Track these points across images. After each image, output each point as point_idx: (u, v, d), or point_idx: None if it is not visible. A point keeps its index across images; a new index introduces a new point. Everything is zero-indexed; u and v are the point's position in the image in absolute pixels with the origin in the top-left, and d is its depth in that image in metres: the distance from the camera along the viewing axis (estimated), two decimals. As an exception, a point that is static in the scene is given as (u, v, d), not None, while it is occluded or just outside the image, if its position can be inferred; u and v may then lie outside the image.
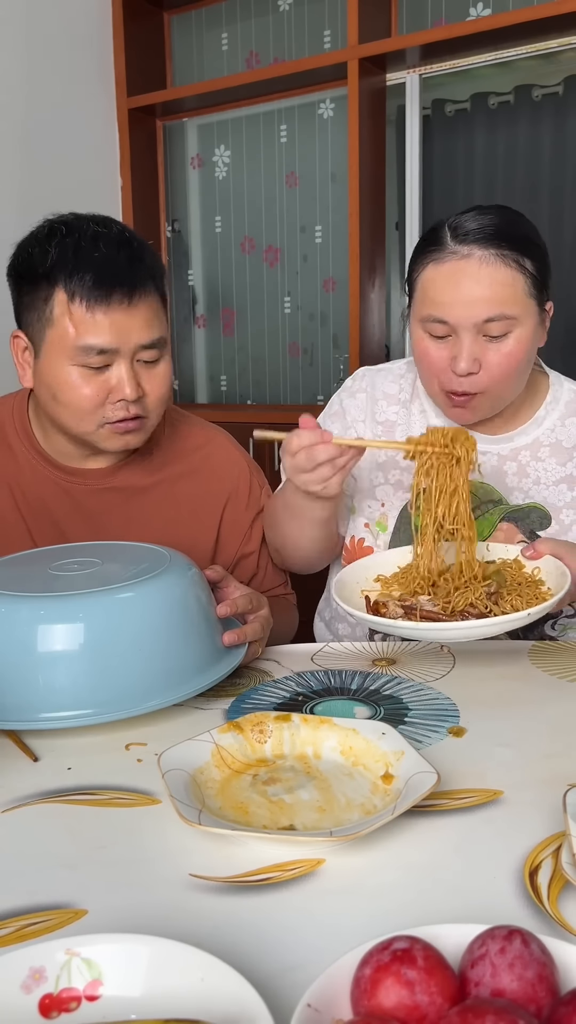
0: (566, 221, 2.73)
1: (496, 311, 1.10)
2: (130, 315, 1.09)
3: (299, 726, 0.82)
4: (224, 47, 3.24)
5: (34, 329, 1.12)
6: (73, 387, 1.10)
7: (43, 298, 1.09)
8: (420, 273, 1.15)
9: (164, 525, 1.25)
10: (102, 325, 1.07)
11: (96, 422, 1.12)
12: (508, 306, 1.10)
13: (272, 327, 3.30)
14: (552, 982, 0.47)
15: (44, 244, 1.10)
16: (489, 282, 1.09)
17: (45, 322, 1.10)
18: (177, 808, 0.68)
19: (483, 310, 1.10)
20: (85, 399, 1.10)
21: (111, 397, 1.11)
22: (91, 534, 1.22)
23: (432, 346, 1.15)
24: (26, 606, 0.89)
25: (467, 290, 1.10)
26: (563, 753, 0.83)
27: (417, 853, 0.68)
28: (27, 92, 2.83)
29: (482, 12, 2.73)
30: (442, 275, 1.12)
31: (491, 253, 1.10)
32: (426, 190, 2.93)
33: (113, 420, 1.12)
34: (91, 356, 1.08)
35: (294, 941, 0.59)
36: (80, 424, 1.13)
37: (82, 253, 1.08)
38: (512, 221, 1.15)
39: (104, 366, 1.10)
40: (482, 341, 1.12)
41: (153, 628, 0.91)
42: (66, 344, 1.08)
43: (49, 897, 0.64)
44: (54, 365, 1.10)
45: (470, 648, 1.13)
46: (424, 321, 1.14)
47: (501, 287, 1.10)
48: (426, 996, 0.46)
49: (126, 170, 3.23)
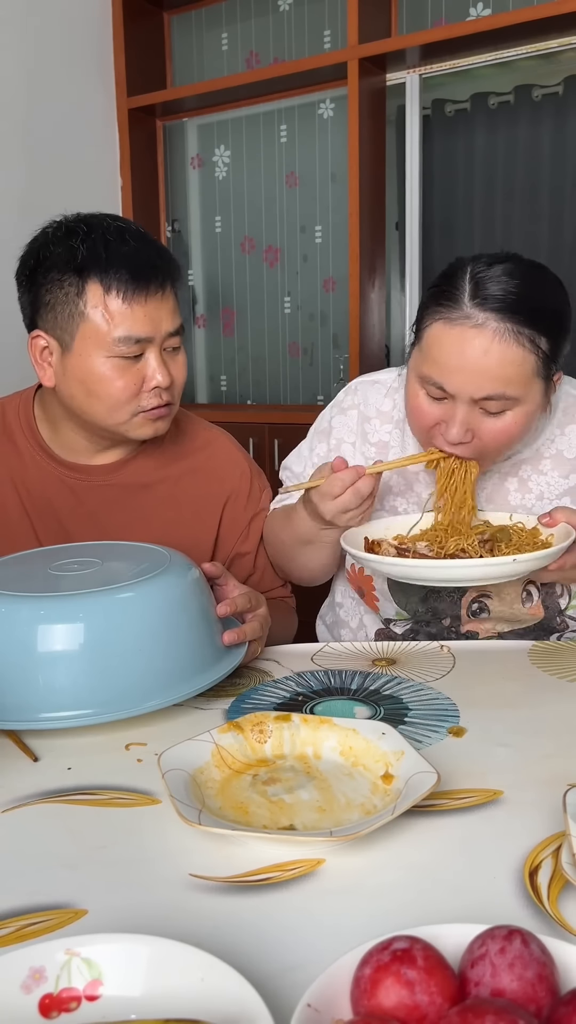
0: (566, 221, 2.73)
1: (497, 390, 1.03)
2: (161, 305, 1.13)
3: (299, 726, 0.82)
4: (224, 47, 3.24)
5: (60, 327, 1.13)
6: (109, 379, 1.13)
7: (73, 294, 1.11)
8: (429, 325, 1.07)
9: (166, 523, 1.26)
10: (138, 317, 1.11)
11: (131, 412, 1.15)
12: (511, 387, 1.03)
13: (272, 327, 3.30)
14: (552, 982, 0.47)
15: (66, 242, 1.12)
16: (497, 360, 1.02)
17: (77, 317, 1.11)
18: (177, 808, 0.68)
19: (484, 387, 1.03)
20: (121, 390, 1.13)
21: (145, 386, 1.14)
22: (94, 530, 1.24)
23: (426, 403, 1.09)
24: (26, 606, 0.89)
25: (472, 362, 1.02)
26: (563, 753, 0.83)
27: (417, 853, 0.68)
28: (27, 92, 2.83)
29: (482, 12, 2.73)
30: (450, 338, 1.04)
31: (507, 328, 1.01)
32: (426, 190, 2.93)
33: (147, 408, 1.15)
34: (129, 346, 1.12)
35: (294, 941, 0.59)
36: (114, 416, 1.15)
37: (112, 248, 1.11)
38: (540, 289, 1.06)
39: (137, 356, 1.13)
40: (478, 412, 1.06)
41: (153, 628, 0.91)
42: (102, 337, 1.11)
43: (49, 897, 0.64)
44: (88, 360, 1.12)
45: (470, 648, 1.13)
46: (423, 378, 1.08)
47: (509, 366, 1.02)
48: (426, 996, 0.46)
49: (126, 170, 3.23)
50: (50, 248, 1.13)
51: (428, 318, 1.08)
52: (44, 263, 1.13)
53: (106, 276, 1.10)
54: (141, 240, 1.14)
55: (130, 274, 1.10)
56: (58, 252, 1.12)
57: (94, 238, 1.12)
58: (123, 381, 1.13)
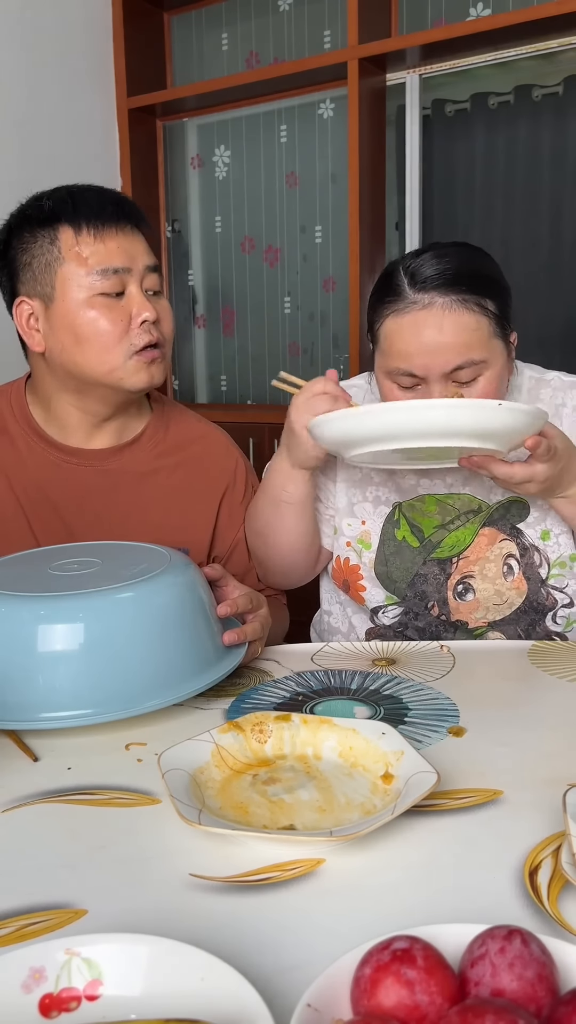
0: (566, 221, 2.73)
1: (464, 358, 1.07)
2: (134, 240, 1.17)
3: (299, 726, 0.82)
4: (224, 47, 3.24)
5: (40, 282, 1.16)
6: (95, 320, 1.15)
7: (47, 244, 1.15)
8: (381, 325, 1.12)
9: (164, 512, 1.27)
10: (112, 249, 1.15)
11: (124, 353, 1.16)
12: (475, 351, 1.07)
13: (272, 327, 3.30)
14: (552, 982, 0.47)
15: (34, 204, 1.18)
16: (453, 329, 1.06)
17: (54, 263, 1.15)
18: (177, 808, 0.68)
19: (451, 358, 1.07)
20: (109, 330, 1.15)
21: (133, 323, 1.16)
22: (91, 518, 1.24)
23: (401, 395, 1.12)
24: (26, 606, 0.89)
25: (432, 340, 1.07)
26: (563, 753, 0.83)
27: (417, 853, 0.68)
28: (27, 92, 2.83)
29: (482, 12, 2.73)
30: (404, 327, 1.08)
31: (452, 299, 1.06)
32: (426, 190, 2.93)
33: (140, 347, 1.16)
34: (107, 279, 1.14)
35: (294, 941, 0.58)
36: (107, 360, 1.16)
37: (77, 196, 1.17)
38: (469, 260, 1.11)
39: (118, 293, 1.15)
40: (452, 387, 1.09)
41: (153, 628, 0.91)
42: (81, 276, 1.14)
43: (49, 897, 0.64)
44: (71, 305, 1.15)
45: (470, 648, 1.13)
46: (391, 373, 1.12)
47: (466, 333, 1.07)
48: (426, 996, 0.46)
49: (126, 170, 3.23)
50: (20, 217, 1.18)
51: (378, 320, 1.13)
52: (16, 231, 1.18)
53: (75, 218, 1.15)
54: (103, 189, 1.20)
55: (96, 212, 1.15)
56: (28, 215, 1.18)
57: (59, 193, 1.18)
58: (110, 320, 1.15)
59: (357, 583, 1.27)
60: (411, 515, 1.25)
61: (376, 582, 1.25)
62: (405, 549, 1.24)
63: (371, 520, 1.26)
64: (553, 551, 1.22)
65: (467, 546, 1.22)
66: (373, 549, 1.26)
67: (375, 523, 1.26)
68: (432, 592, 1.23)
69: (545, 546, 1.22)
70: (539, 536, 1.23)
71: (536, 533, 1.23)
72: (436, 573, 1.23)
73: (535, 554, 1.22)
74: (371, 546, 1.26)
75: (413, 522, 1.24)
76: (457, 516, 1.23)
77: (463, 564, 1.23)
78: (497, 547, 1.22)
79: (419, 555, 1.24)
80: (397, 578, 1.24)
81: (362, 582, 1.26)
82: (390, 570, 1.25)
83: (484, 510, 1.23)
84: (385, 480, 1.26)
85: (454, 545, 1.23)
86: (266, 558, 1.28)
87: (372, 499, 1.27)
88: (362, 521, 1.27)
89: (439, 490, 1.25)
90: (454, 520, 1.23)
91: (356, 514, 1.27)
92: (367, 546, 1.26)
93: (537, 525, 1.23)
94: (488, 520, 1.23)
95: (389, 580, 1.25)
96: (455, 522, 1.23)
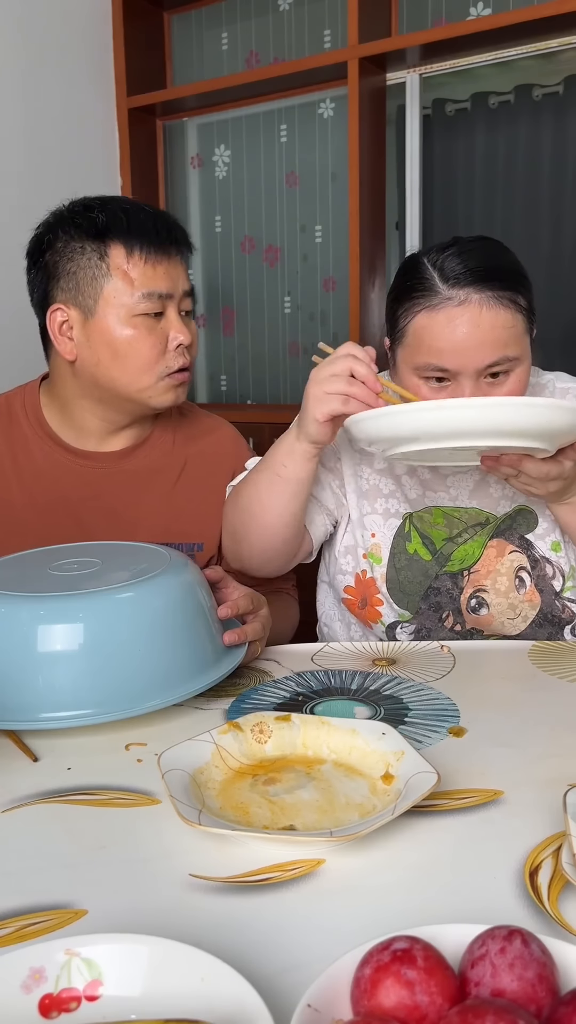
0: (566, 221, 2.73)
1: (500, 355, 1.05)
2: (179, 267, 1.21)
3: (299, 726, 0.82)
4: (224, 47, 3.24)
5: (83, 293, 1.17)
6: (136, 340, 1.17)
7: (95, 259, 1.16)
8: (411, 320, 1.08)
9: (176, 508, 1.28)
10: (159, 274, 1.17)
11: (157, 374, 1.19)
12: (510, 348, 1.05)
13: (272, 327, 3.30)
14: (552, 982, 0.47)
15: (85, 215, 1.18)
16: (491, 326, 1.04)
17: (101, 279, 1.16)
18: (177, 808, 0.68)
19: (487, 356, 1.05)
20: (148, 350, 1.17)
21: (170, 345, 1.19)
22: (105, 517, 1.25)
23: (429, 392, 1.09)
24: (26, 606, 0.89)
25: (469, 337, 1.04)
26: (563, 753, 0.83)
27: (417, 853, 0.68)
28: (27, 92, 2.83)
29: (482, 12, 2.73)
30: (438, 323, 1.05)
31: (489, 296, 1.04)
32: (426, 190, 2.93)
33: (173, 369, 1.19)
34: (152, 302, 1.16)
35: (294, 941, 0.58)
36: (140, 379, 1.18)
37: (131, 215, 1.18)
38: (499, 255, 1.09)
39: (158, 314, 1.18)
40: (483, 384, 1.07)
41: (153, 628, 0.91)
42: (126, 296, 1.16)
43: (49, 897, 0.64)
44: (112, 322, 1.17)
45: (470, 648, 1.13)
46: (420, 369, 1.08)
47: (502, 330, 1.04)
48: (426, 996, 0.46)
49: (126, 170, 3.23)
50: (67, 223, 1.18)
51: (406, 315, 1.09)
52: (62, 237, 1.18)
53: (128, 239, 1.16)
54: (155, 210, 1.22)
55: (151, 238, 1.17)
56: (78, 223, 1.17)
57: (112, 208, 1.18)
58: (149, 341, 1.17)
59: (374, 597, 1.24)
60: (421, 526, 1.23)
61: (389, 598, 1.23)
62: (417, 562, 1.22)
63: (381, 533, 1.24)
64: (565, 562, 1.21)
65: (476, 560, 1.21)
66: (384, 563, 1.23)
67: (385, 536, 1.24)
68: (447, 603, 1.22)
69: (558, 558, 1.21)
70: (550, 547, 1.21)
71: (546, 545, 1.21)
72: (449, 587, 1.22)
73: (547, 566, 1.21)
74: (381, 560, 1.23)
75: (424, 533, 1.22)
76: (464, 529, 1.22)
77: (474, 578, 1.21)
78: (507, 560, 1.21)
79: (432, 568, 1.22)
80: (411, 591, 1.22)
81: (378, 596, 1.24)
82: (403, 583, 1.22)
83: (491, 522, 1.22)
84: (394, 491, 1.24)
85: (464, 559, 1.21)
86: (244, 537, 1.21)
87: (382, 511, 1.24)
88: (372, 534, 1.24)
89: (444, 502, 1.23)
90: (462, 533, 1.22)
91: (366, 526, 1.25)
92: (377, 560, 1.24)
93: (547, 537, 1.21)
94: (496, 531, 1.22)
95: (402, 594, 1.23)
96: (463, 535, 1.22)
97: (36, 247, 1.21)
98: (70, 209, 1.20)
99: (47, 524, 1.24)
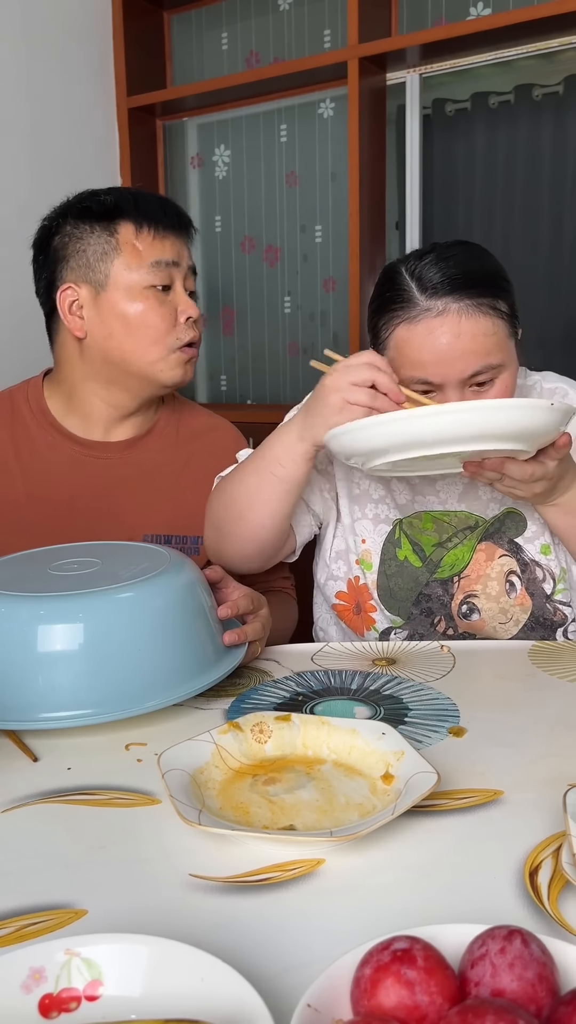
0: (566, 221, 2.73)
1: (482, 364, 1.04)
2: (183, 242, 1.26)
3: (299, 726, 0.82)
4: (224, 47, 3.24)
5: (93, 268, 1.21)
6: (145, 312, 1.21)
7: (105, 236, 1.21)
8: (390, 333, 1.07)
9: (178, 503, 1.30)
10: (167, 246, 1.22)
11: (168, 346, 1.22)
12: (493, 355, 1.04)
13: (272, 327, 3.30)
14: (552, 982, 0.47)
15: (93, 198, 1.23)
16: (471, 335, 1.02)
17: (111, 253, 1.21)
18: (177, 808, 0.68)
19: (469, 365, 1.03)
20: (158, 321, 1.21)
21: (179, 317, 1.22)
22: (109, 509, 1.27)
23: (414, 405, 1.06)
24: (26, 606, 0.89)
25: (449, 348, 1.02)
26: (563, 753, 0.83)
27: (417, 853, 0.68)
28: (27, 92, 2.83)
29: (482, 12, 2.73)
30: (418, 335, 1.04)
31: (468, 304, 1.02)
32: (426, 190, 2.93)
33: (184, 342, 1.23)
34: (160, 271, 1.21)
35: (294, 941, 0.58)
36: (151, 351, 1.22)
37: (139, 197, 1.24)
38: (476, 259, 1.07)
39: (166, 287, 1.22)
40: (469, 393, 1.06)
41: (153, 628, 0.91)
42: (134, 267, 1.20)
43: (49, 897, 0.64)
44: (123, 294, 1.21)
45: (470, 648, 1.13)
46: (404, 382, 1.06)
47: (483, 337, 1.03)
48: (426, 996, 0.46)
49: (126, 170, 3.23)
50: (75, 209, 1.23)
51: (386, 327, 1.08)
52: (70, 222, 1.22)
53: (137, 216, 1.21)
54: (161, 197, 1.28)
55: (158, 216, 1.22)
56: (85, 207, 1.23)
57: (120, 192, 1.24)
58: (159, 313, 1.21)
59: (368, 603, 1.24)
60: (411, 532, 1.22)
61: (380, 604, 1.23)
62: (407, 569, 1.22)
63: (371, 539, 1.23)
64: (555, 565, 1.21)
65: (466, 564, 1.21)
66: (375, 570, 1.23)
67: (375, 542, 1.23)
68: (438, 609, 1.22)
69: (548, 560, 1.21)
70: (539, 550, 1.21)
71: (536, 548, 1.21)
72: (440, 594, 1.21)
73: (537, 569, 1.21)
74: (372, 566, 1.23)
75: (414, 540, 1.22)
76: (454, 533, 1.21)
77: (464, 583, 1.21)
78: (497, 564, 1.20)
79: (423, 574, 1.21)
80: (402, 598, 1.22)
81: (372, 602, 1.23)
82: (393, 590, 1.22)
83: (480, 525, 1.21)
84: (383, 497, 1.23)
85: (453, 564, 1.21)
86: (229, 533, 1.17)
87: (372, 516, 1.23)
88: (362, 540, 1.24)
89: (433, 507, 1.23)
90: (451, 538, 1.21)
91: (357, 532, 1.24)
92: (368, 567, 1.23)
93: (537, 540, 1.21)
94: (485, 535, 1.21)
95: (393, 600, 1.22)
96: (452, 540, 1.21)
97: (44, 235, 1.25)
98: (77, 197, 1.25)
99: (51, 516, 1.25)
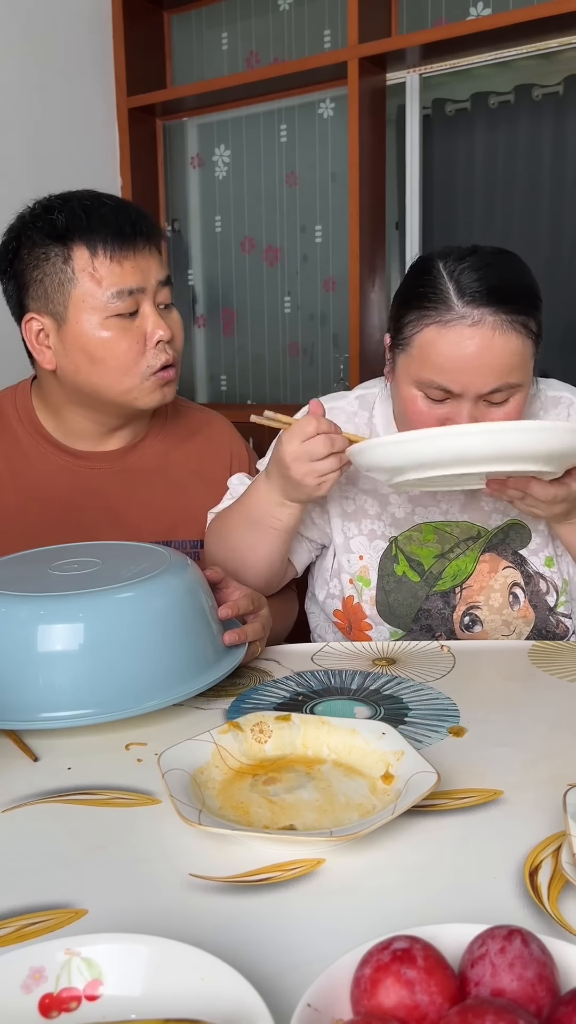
0: (566, 221, 2.73)
1: (503, 381, 1.02)
2: (148, 258, 1.15)
3: (299, 726, 0.82)
4: (224, 47, 3.24)
5: (52, 300, 1.14)
6: (112, 342, 1.13)
7: (60, 263, 1.13)
8: (418, 331, 1.04)
9: (177, 504, 1.28)
10: (127, 270, 1.13)
11: (141, 374, 1.15)
12: (515, 374, 1.03)
13: (272, 327, 3.30)
14: (552, 982, 0.47)
15: (45, 217, 1.14)
16: (500, 352, 1.01)
17: (67, 284, 1.12)
18: (177, 808, 0.68)
19: (491, 381, 1.02)
20: (126, 351, 1.14)
21: (148, 343, 1.15)
22: (107, 518, 1.25)
23: (427, 407, 1.06)
24: (26, 606, 0.89)
25: (477, 360, 1.01)
26: (563, 753, 0.83)
27: (417, 853, 0.68)
28: (27, 92, 2.83)
29: (482, 12, 2.73)
30: (448, 341, 1.02)
31: (503, 319, 1.00)
32: (426, 190, 2.93)
33: (156, 368, 1.16)
34: (123, 300, 1.12)
35: (294, 941, 0.58)
36: (123, 381, 1.15)
37: (91, 211, 1.13)
38: (518, 273, 1.06)
39: (132, 313, 1.14)
40: (483, 406, 1.05)
41: (153, 628, 0.91)
42: (95, 298, 1.12)
43: (49, 897, 0.64)
44: (86, 327, 1.13)
45: (470, 648, 1.13)
46: (422, 384, 1.05)
47: (512, 356, 1.02)
48: (426, 996, 0.46)
49: (126, 170, 3.23)
50: (29, 228, 1.15)
51: (414, 324, 1.05)
52: (26, 243, 1.15)
53: (90, 237, 1.12)
54: (117, 202, 1.16)
55: (113, 232, 1.12)
56: (38, 227, 1.14)
57: (72, 206, 1.14)
58: (126, 342, 1.13)
59: (362, 622, 1.23)
60: (409, 549, 1.21)
61: (380, 620, 1.22)
62: (406, 584, 1.21)
63: (368, 555, 1.22)
64: (559, 577, 1.20)
65: (469, 574, 1.20)
66: (373, 586, 1.22)
67: (372, 559, 1.22)
68: (438, 625, 1.21)
69: (551, 573, 1.20)
70: (543, 563, 1.21)
71: (540, 560, 1.21)
72: (440, 608, 1.20)
73: (541, 581, 1.20)
74: (370, 583, 1.22)
75: (411, 556, 1.21)
76: (457, 544, 1.20)
77: (467, 594, 1.20)
78: (501, 575, 1.20)
79: (421, 589, 1.20)
80: (401, 613, 1.21)
81: (366, 620, 1.23)
82: (392, 606, 1.21)
83: (483, 536, 1.21)
84: (380, 513, 1.22)
85: (456, 575, 1.20)
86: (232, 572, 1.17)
87: (368, 533, 1.22)
88: (359, 556, 1.23)
89: (435, 517, 1.21)
90: (454, 548, 1.20)
91: (353, 549, 1.23)
92: (366, 583, 1.22)
93: (541, 552, 1.21)
94: (488, 545, 1.21)
95: (393, 616, 1.22)
96: (455, 550, 1.20)
97: (3, 256, 1.18)
98: (32, 212, 1.16)
99: (47, 527, 1.23)
